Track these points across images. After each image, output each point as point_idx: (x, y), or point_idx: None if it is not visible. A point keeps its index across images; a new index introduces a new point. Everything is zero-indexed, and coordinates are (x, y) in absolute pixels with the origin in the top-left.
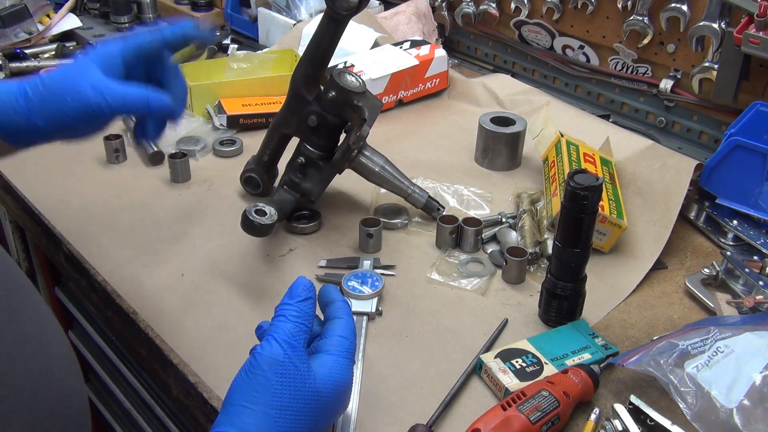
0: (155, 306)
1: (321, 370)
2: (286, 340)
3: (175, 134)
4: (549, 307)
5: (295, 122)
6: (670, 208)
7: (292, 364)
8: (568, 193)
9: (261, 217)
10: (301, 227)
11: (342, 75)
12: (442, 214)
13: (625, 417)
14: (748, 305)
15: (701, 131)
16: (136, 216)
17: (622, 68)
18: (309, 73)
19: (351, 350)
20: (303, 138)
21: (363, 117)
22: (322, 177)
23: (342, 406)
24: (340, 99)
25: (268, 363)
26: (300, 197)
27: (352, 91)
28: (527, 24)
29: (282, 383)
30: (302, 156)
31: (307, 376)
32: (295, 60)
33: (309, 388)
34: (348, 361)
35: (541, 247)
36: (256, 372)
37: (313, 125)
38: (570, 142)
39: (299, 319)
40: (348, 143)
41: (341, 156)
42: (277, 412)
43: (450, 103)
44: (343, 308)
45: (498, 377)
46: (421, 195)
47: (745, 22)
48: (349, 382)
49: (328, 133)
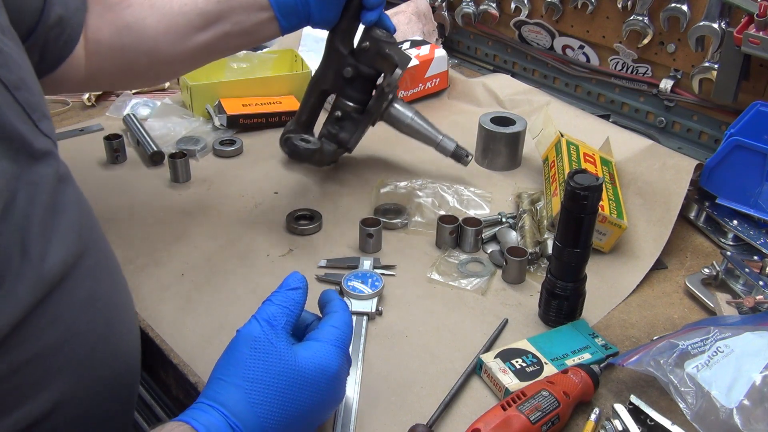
0: (155, 306)
1: (304, 352)
2: (266, 319)
3: (175, 134)
4: (549, 307)
5: (332, 76)
6: (670, 208)
7: (267, 340)
8: (568, 193)
9: (305, 143)
10: (301, 228)
11: (373, 28)
12: (470, 161)
13: (625, 417)
14: (748, 305)
15: (701, 131)
16: (136, 216)
17: (622, 68)
18: (343, 28)
19: (341, 339)
20: (339, 92)
21: (394, 63)
22: (358, 127)
23: (331, 393)
24: (373, 49)
25: (244, 338)
26: (338, 147)
27: (383, 40)
28: (527, 24)
29: (254, 356)
30: (339, 110)
31: (285, 353)
32: (295, 60)
33: (285, 364)
34: (335, 348)
35: (541, 247)
36: (234, 347)
37: (348, 77)
38: (570, 142)
39: (284, 304)
40: (382, 87)
41: (375, 102)
42: (249, 384)
43: (450, 103)
44: (339, 305)
45: (498, 377)
46: (450, 143)
47: (745, 22)
48: (337, 369)
49: (362, 85)
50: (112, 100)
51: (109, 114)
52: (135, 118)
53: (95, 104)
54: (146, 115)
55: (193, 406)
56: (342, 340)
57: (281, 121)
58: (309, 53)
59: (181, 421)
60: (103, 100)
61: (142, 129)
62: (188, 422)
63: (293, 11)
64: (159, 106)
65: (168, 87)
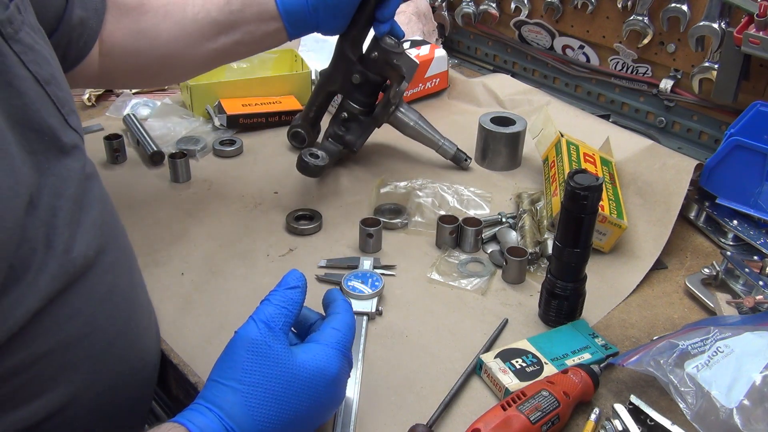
0: (155, 306)
1: (303, 355)
2: (264, 320)
3: (175, 134)
4: (549, 307)
5: (340, 80)
6: (670, 208)
7: (265, 343)
8: (568, 193)
9: (314, 159)
10: (301, 228)
11: (383, 37)
12: (468, 165)
13: (625, 417)
14: (748, 305)
15: (701, 131)
16: (136, 216)
17: (622, 68)
18: (353, 35)
19: (342, 342)
20: (346, 95)
21: (402, 74)
22: (363, 130)
23: (330, 396)
24: (382, 58)
25: (242, 340)
26: (343, 148)
27: (392, 51)
28: (527, 24)
29: (252, 359)
30: (345, 111)
31: (283, 356)
32: (295, 60)
33: (283, 367)
34: (335, 351)
35: (541, 247)
36: (231, 349)
37: (356, 83)
38: (570, 142)
39: (282, 304)
40: (388, 97)
41: (381, 110)
42: (246, 387)
43: (450, 103)
44: (342, 306)
45: (498, 377)
46: (450, 147)
47: (745, 22)
48: (336, 372)
49: (369, 90)
50: (112, 100)
51: (109, 114)
52: (135, 118)
53: (95, 104)
54: (146, 115)
55: (190, 408)
56: (343, 343)
57: (281, 121)
58: (309, 53)
59: (177, 423)
60: (103, 100)
61: (142, 129)
62: (183, 424)
63: (302, 21)
64: (159, 106)
65: (168, 87)
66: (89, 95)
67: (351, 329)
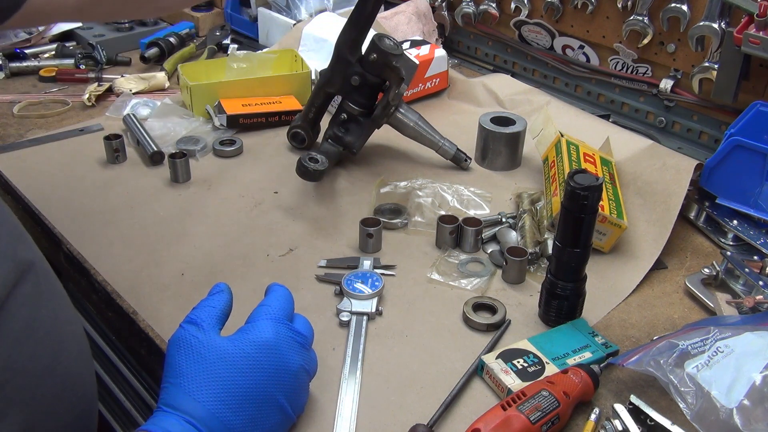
0: (155, 306)
1: (235, 336)
2: (187, 320)
3: (175, 134)
4: (549, 307)
5: (339, 82)
6: (670, 208)
7: (190, 335)
8: (568, 193)
9: (314, 163)
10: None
11: (382, 39)
12: (468, 165)
13: (625, 417)
14: (748, 305)
15: (701, 131)
16: (136, 216)
17: (622, 68)
18: (352, 38)
19: (269, 312)
20: (345, 96)
21: (401, 76)
22: (363, 131)
23: (275, 362)
24: (380, 60)
25: (171, 343)
26: (342, 150)
27: (391, 53)
28: (527, 24)
29: (180, 354)
30: (344, 113)
31: (208, 341)
32: (295, 60)
33: (212, 350)
34: (265, 321)
35: (541, 247)
36: (167, 354)
37: (355, 84)
38: (570, 142)
39: (204, 303)
40: (387, 99)
41: (381, 111)
42: (181, 379)
43: (450, 103)
44: (272, 286)
45: (500, 378)
46: (450, 147)
47: (745, 22)
48: (270, 338)
49: (368, 92)
50: (112, 100)
51: (109, 114)
52: (135, 118)
53: (95, 104)
54: (146, 115)
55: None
56: (270, 313)
57: (281, 120)
58: (309, 53)
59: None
60: (103, 100)
61: (142, 129)
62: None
63: None
64: (159, 106)
65: (168, 87)
66: (89, 95)
67: (281, 298)
